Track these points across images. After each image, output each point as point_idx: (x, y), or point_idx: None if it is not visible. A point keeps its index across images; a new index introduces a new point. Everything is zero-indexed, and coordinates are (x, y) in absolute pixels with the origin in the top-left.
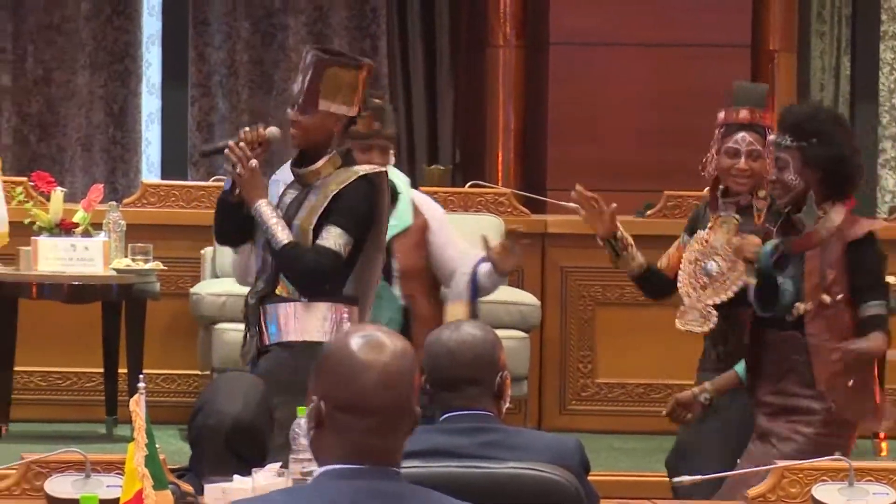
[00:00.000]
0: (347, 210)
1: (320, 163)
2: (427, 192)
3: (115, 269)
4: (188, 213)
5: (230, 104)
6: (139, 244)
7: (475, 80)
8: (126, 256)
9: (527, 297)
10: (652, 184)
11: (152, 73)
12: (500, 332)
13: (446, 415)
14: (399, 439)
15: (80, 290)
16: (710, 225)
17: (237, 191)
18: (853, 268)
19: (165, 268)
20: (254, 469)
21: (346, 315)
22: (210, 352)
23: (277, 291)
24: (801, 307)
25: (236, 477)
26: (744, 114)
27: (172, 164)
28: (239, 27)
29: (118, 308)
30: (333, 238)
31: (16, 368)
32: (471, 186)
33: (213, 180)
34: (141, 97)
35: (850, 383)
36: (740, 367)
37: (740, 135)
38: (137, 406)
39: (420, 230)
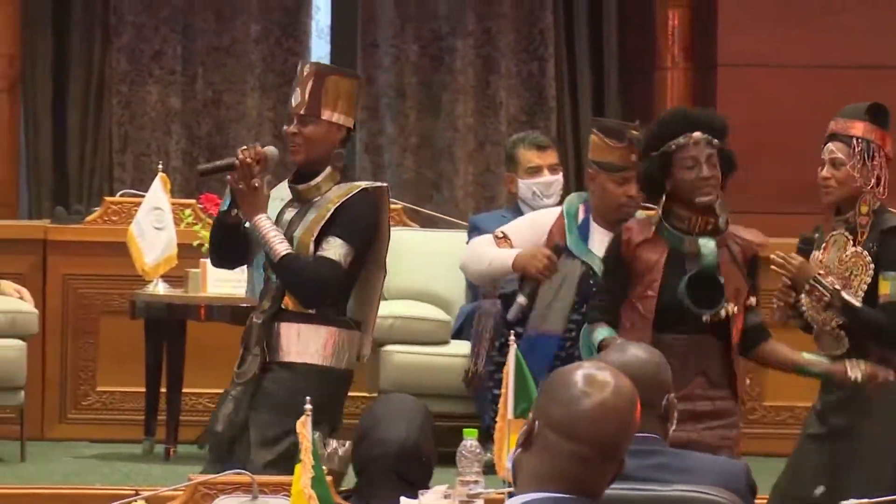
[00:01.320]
0: (348, 222)
1: (319, 178)
2: None
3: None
4: None
5: (398, 127)
6: None
7: (643, 102)
8: None
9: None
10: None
11: None
12: None
13: None
14: (602, 478)
15: (247, 312)
16: (823, 245)
17: (235, 210)
18: (753, 277)
19: None
20: (420, 491)
21: (349, 339)
22: (378, 374)
23: (283, 305)
24: (729, 308)
25: (402, 499)
26: (831, 125)
27: None
28: (407, 50)
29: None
30: (334, 249)
31: (184, 390)
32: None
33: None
34: None
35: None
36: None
37: (827, 145)
38: (304, 428)
39: None
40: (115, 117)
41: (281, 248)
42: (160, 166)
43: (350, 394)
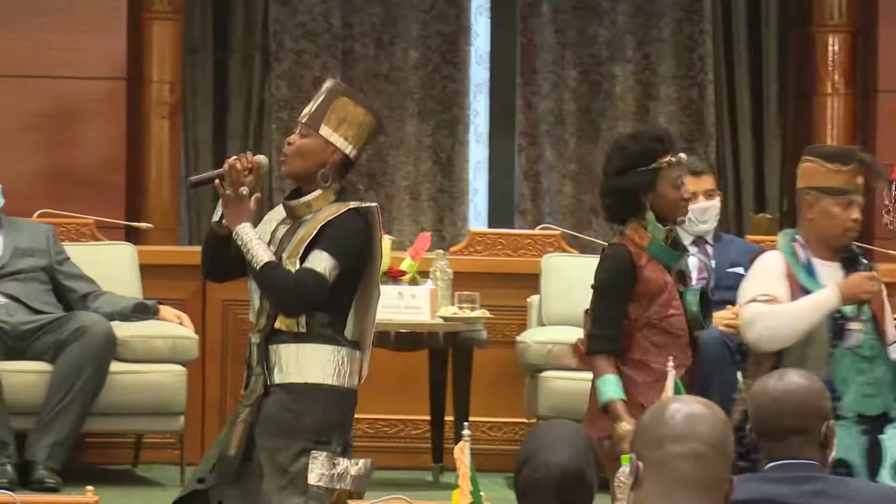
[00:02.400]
0: (335, 238)
1: (312, 195)
2: (754, 241)
3: (442, 317)
4: (515, 262)
5: (557, 153)
6: (466, 292)
7: (803, 128)
8: (453, 304)
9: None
10: None
11: (479, 122)
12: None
13: (771, 464)
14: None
15: (407, 338)
16: None
17: (223, 218)
18: None
19: (492, 316)
20: None
21: (350, 358)
22: (536, 400)
23: (277, 325)
24: None
25: None
26: None
27: (499, 213)
28: (566, 76)
29: (445, 356)
30: (319, 261)
31: None
32: None
33: (540, 228)
34: (468, 146)
35: None
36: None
37: None
38: (462, 453)
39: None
40: (274, 143)
41: (263, 256)
42: None
43: (507, 419)
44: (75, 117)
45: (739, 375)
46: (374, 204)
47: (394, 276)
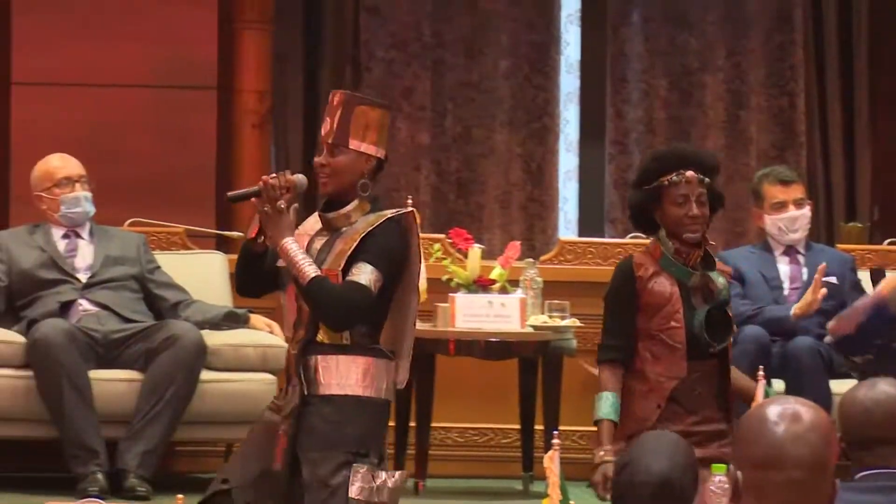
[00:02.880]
0: (377, 248)
1: (350, 206)
2: (844, 250)
3: (532, 326)
4: (605, 271)
5: None
6: (556, 301)
7: (895, 136)
8: (543, 313)
9: None
10: None
11: (570, 131)
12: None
13: (860, 473)
14: (821, 497)
15: (497, 347)
16: None
17: (262, 238)
18: None
19: (582, 325)
20: None
21: (385, 368)
22: None
23: (318, 338)
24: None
25: None
26: None
27: (589, 222)
28: (657, 85)
29: (535, 365)
30: (364, 274)
31: (433, 424)
32: (889, 244)
33: (630, 237)
34: (558, 155)
35: None
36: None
37: None
38: (552, 462)
39: None
40: None
41: (310, 270)
42: (409, 201)
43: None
44: (166, 126)
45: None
46: (409, 209)
47: (483, 286)
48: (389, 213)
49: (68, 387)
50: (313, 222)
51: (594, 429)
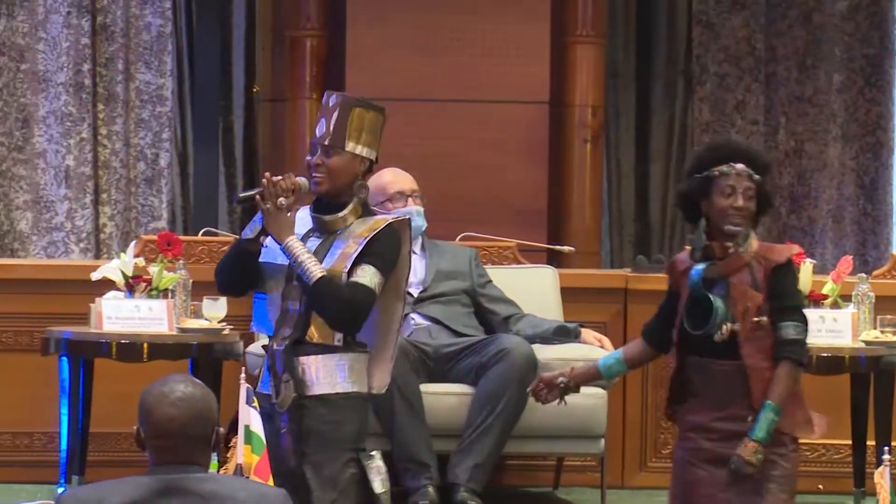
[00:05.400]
0: (381, 253)
1: (347, 210)
2: None
3: (863, 341)
4: None
5: None
6: (888, 316)
7: None
8: (875, 328)
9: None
10: None
11: None
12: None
13: None
14: None
15: (828, 362)
16: None
17: (262, 238)
18: (775, 291)
19: None
20: None
21: (364, 363)
22: None
23: (307, 337)
24: (730, 326)
25: None
26: None
27: None
28: None
29: (867, 380)
30: (368, 276)
31: None
32: None
33: None
34: (892, 169)
35: None
36: (603, 360)
37: None
38: (882, 478)
39: None
40: None
41: (316, 270)
42: None
43: None
44: (498, 141)
45: None
46: (406, 217)
47: (815, 300)
48: (390, 218)
49: (400, 400)
50: (303, 221)
51: None
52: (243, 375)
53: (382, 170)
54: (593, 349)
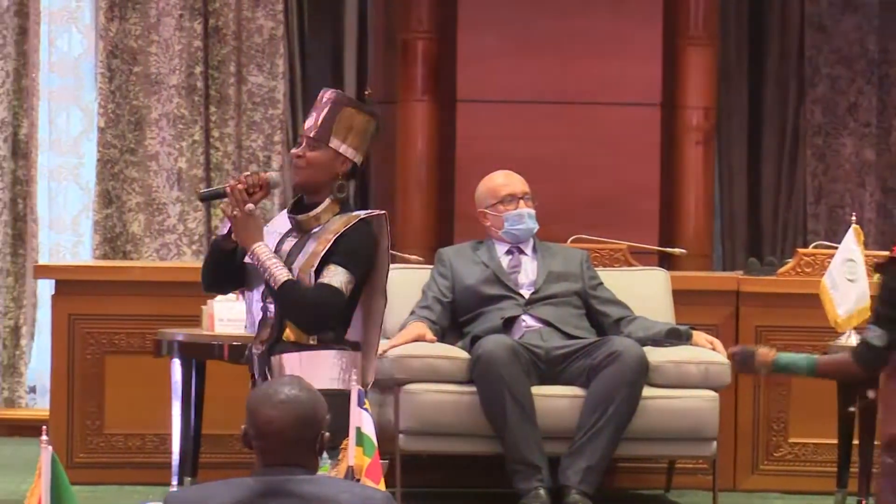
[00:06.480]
0: (349, 251)
1: (320, 208)
2: None
3: None
4: None
5: None
6: None
7: None
8: None
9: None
10: None
11: None
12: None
13: None
14: None
15: None
16: None
17: (234, 236)
18: None
19: None
20: None
21: (352, 361)
22: None
23: (284, 337)
24: None
25: None
26: None
27: None
28: None
29: None
30: (336, 276)
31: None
32: None
33: None
34: None
35: None
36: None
37: None
38: None
39: None
40: (808, 169)
41: (281, 274)
42: (853, 218)
43: None
44: (610, 143)
45: None
46: (382, 212)
47: None
48: (362, 213)
49: (511, 402)
50: (282, 221)
51: None
52: (354, 377)
53: (494, 172)
54: (705, 352)
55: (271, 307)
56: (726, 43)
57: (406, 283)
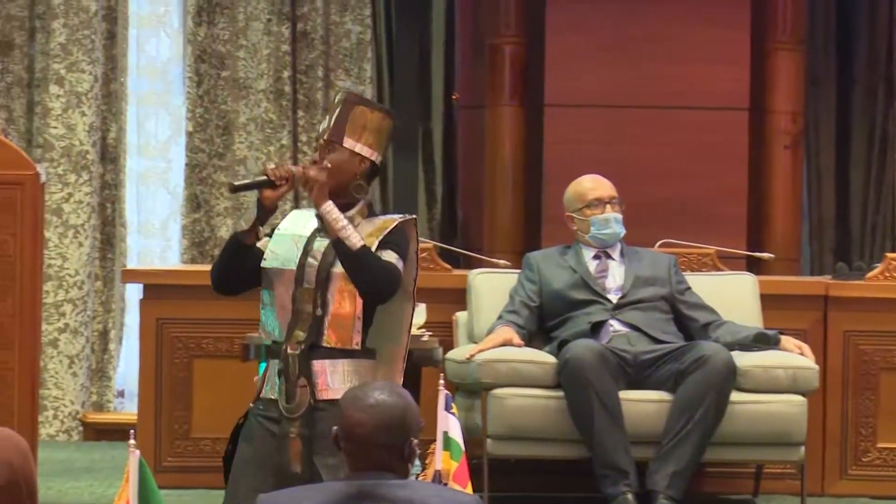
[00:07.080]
0: (399, 242)
1: (353, 210)
2: None
3: None
4: None
5: None
6: None
7: None
8: None
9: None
10: None
11: None
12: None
13: None
14: None
15: None
16: None
17: (259, 229)
18: None
19: None
20: None
21: (373, 369)
22: None
23: (325, 341)
24: None
25: None
26: None
27: None
28: None
29: None
30: (391, 258)
31: None
32: None
33: None
34: None
35: None
36: None
37: None
38: None
39: None
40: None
41: (357, 238)
42: None
43: None
44: (698, 148)
45: None
46: (413, 217)
47: None
48: (397, 218)
49: (599, 407)
50: (303, 222)
51: None
52: (442, 382)
53: (582, 176)
54: (793, 357)
55: (306, 309)
56: (814, 47)
57: (493, 287)
